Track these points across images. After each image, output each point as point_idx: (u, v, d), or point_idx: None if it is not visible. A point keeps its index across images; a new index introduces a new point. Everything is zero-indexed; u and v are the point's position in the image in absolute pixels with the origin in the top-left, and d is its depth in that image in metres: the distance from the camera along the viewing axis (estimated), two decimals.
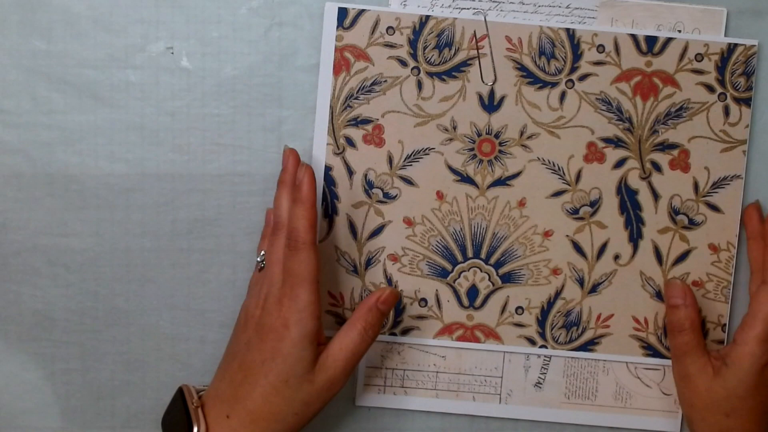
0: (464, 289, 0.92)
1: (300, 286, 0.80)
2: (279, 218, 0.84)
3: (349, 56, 0.90)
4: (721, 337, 0.93)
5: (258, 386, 0.79)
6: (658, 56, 0.90)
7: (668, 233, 0.92)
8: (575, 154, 0.91)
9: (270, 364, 0.79)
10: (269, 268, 0.84)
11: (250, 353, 0.80)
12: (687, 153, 0.91)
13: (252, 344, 0.80)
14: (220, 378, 0.82)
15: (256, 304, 0.83)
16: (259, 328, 0.81)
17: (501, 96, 0.90)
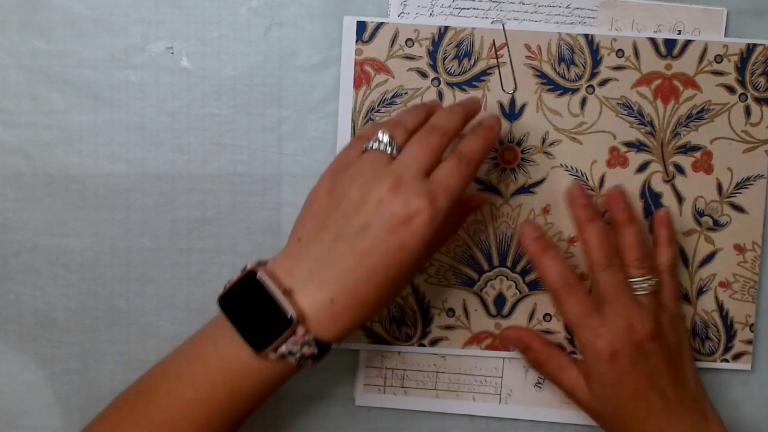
0: (491, 297, 0.92)
1: (453, 192, 0.75)
2: (445, 125, 0.79)
3: (369, 69, 0.89)
4: (749, 337, 0.94)
5: (376, 275, 0.73)
6: (677, 59, 0.90)
7: (693, 235, 0.92)
8: (598, 159, 0.91)
9: (395, 255, 0.73)
10: (413, 158, 0.76)
11: (370, 239, 0.73)
12: (709, 154, 0.91)
13: (373, 229, 0.73)
14: (316, 257, 0.75)
15: (380, 185, 0.74)
16: (386, 214, 0.73)
17: (522, 104, 0.90)
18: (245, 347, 0.73)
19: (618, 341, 0.84)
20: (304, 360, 0.74)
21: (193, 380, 0.75)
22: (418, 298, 0.92)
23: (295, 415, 0.94)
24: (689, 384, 0.87)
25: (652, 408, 0.84)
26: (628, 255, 0.86)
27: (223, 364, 0.75)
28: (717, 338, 0.93)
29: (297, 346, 0.73)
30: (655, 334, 0.84)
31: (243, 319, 0.74)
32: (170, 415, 0.75)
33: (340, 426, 0.95)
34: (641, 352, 0.84)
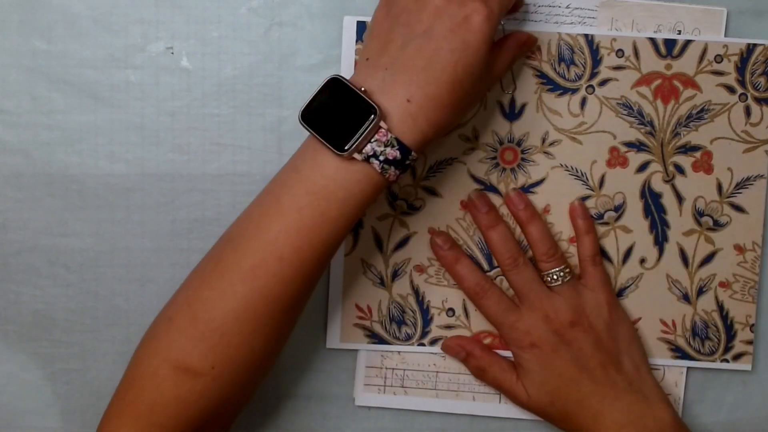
0: None
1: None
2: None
3: None
4: (749, 338, 0.93)
5: (446, 73, 0.75)
6: (677, 59, 0.90)
7: (693, 235, 0.92)
8: (598, 159, 0.91)
9: (461, 53, 0.75)
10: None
11: (435, 41, 0.75)
12: (709, 154, 0.91)
13: (435, 32, 0.75)
14: (386, 65, 0.77)
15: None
16: (446, 17, 0.76)
17: (522, 104, 0.90)
18: (329, 158, 0.75)
19: (535, 332, 0.88)
20: (387, 166, 0.74)
21: (279, 210, 0.76)
22: (418, 298, 0.92)
23: (295, 415, 0.94)
24: (625, 367, 0.89)
25: (583, 391, 0.87)
26: (536, 251, 0.90)
27: (308, 185, 0.75)
28: (717, 338, 0.93)
29: (381, 146, 0.74)
30: (574, 321, 0.87)
31: (325, 126, 0.76)
32: (259, 254, 0.75)
33: (340, 426, 0.95)
34: (562, 339, 0.87)
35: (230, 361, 0.75)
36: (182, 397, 0.75)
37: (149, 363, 0.77)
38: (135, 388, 0.77)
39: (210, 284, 0.76)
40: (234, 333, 0.75)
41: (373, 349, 0.93)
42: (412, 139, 0.75)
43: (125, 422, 0.76)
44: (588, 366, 0.87)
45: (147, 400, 0.76)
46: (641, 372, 0.90)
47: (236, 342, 0.75)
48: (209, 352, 0.75)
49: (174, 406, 0.75)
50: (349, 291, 0.92)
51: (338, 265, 0.92)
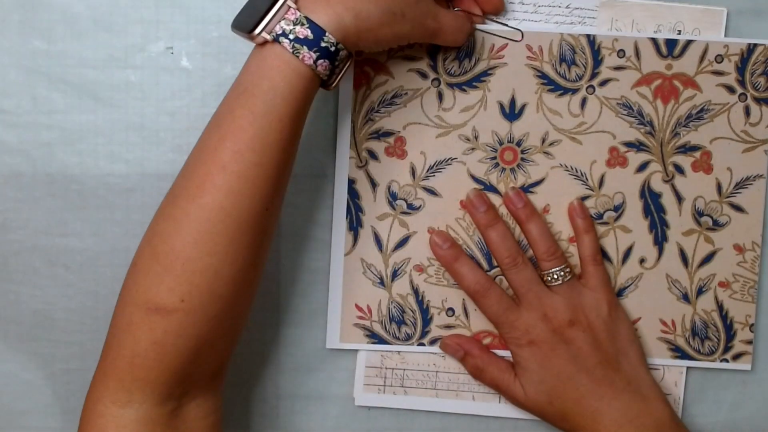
0: None
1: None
2: None
3: (369, 70, 0.89)
4: (749, 338, 0.94)
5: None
6: (678, 59, 0.90)
7: (693, 235, 0.92)
8: (598, 159, 0.91)
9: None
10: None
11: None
12: (709, 154, 0.91)
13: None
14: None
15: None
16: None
17: (522, 104, 0.90)
18: (251, 54, 0.76)
19: (534, 331, 0.88)
20: (299, 45, 0.73)
21: (217, 121, 0.76)
22: (418, 298, 0.92)
23: (295, 415, 0.94)
24: (623, 366, 0.89)
25: (581, 390, 0.87)
26: (535, 250, 0.90)
27: (236, 87, 0.75)
28: (717, 338, 0.93)
29: (290, 24, 0.73)
30: (573, 320, 0.88)
31: (243, 18, 0.76)
32: (203, 169, 0.74)
33: (340, 426, 0.95)
34: (560, 338, 0.88)
35: (198, 290, 0.74)
36: (159, 340, 0.74)
37: (122, 316, 0.75)
38: (113, 346, 0.76)
39: (164, 216, 0.75)
40: (195, 258, 0.73)
41: (373, 349, 0.93)
42: (325, 19, 0.74)
43: (108, 385, 0.75)
44: (586, 365, 0.87)
45: (126, 355, 0.74)
46: (639, 371, 0.90)
47: (200, 268, 0.73)
48: (175, 284, 0.73)
49: (152, 353, 0.74)
50: (348, 291, 0.92)
51: (338, 265, 0.92)
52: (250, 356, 0.93)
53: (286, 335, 0.93)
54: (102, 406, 0.75)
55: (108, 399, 0.75)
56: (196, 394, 0.78)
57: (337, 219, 0.91)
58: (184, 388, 0.77)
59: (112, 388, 0.75)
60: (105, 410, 0.75)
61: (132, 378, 0.74)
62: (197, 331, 0.75)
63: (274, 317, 0.92)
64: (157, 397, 0.75)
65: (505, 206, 0.91)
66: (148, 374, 0.74)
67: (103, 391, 0.76)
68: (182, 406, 0.77)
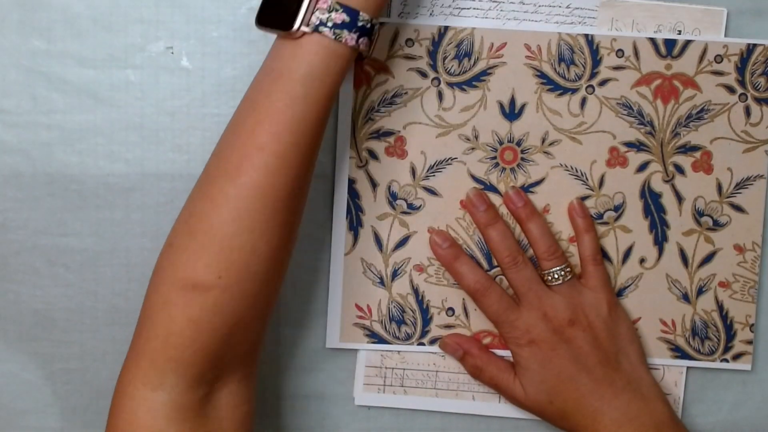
0: None
1: None
2: None
3: (369, 69, 0.89)
4: (749, 338, 0.94)
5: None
6: (677, 59, 0.90)
7: (693, 235, 0.92)
8: (598, 159, 0.91)
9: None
10: None
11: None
12: (709, 154, 0.91)
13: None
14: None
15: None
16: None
17: (522, 104, 0.90)
18: (286, 44, 0.76)
19: (534, 330, 0.88)
20: (339, 30, 0.75)
21: (252, 106, 0.77)
22: (418, 298, 0.92)
23: (295, 415, 0.94)
24: (623, 365, 0.89)
25: (581, 389, 0.87)
26: (536, 249, 0.90)
27: (272, 74, 0.76)
28: (717, 338, 0.93)
29: (324, 13, 0.74)
30: (573, 320, 0.88)
31: (276, 17, 0.76)
32: (241, 151, 0.75)
33: (340, 426, 0.95)
34: (561, 338, 0.88)
35: (235, 267, 0.74)
36: (195, 318, 0.74)
37: (157, 295, 0.76)
38: (147, 325, 0.76)
39: (201, 195, 0.76)
40: (233, 235, 0.74)
41: (373, 348, 0.93)
42: (355, 2, 0.75)
43: (141, 366, 0.75)
44: (587, 365, 0.87)
45: (161, 335, 0.74)
46: (639, 371, 0.90)
47: (237, 245, 0.74)
48: (213, 261, 0.74)
49: (188, 331, 0.74)
50: (348, 290, 0.92)
51: (338, 265, 0.92)
52: None
53: (286, 335, 0.93)
54: (133, 388, 0.75)
55: (140, 381, 0.75)
56: (229, 381, 0.78)
57: (337, 219, 0.91)
58: (217, 371, 0.77)
59: (144, 369, 0.75)
60: (136, 392, 0.74)
61: (165, 358, 0.74)
62: (232, 310, 0.75)
63: (274, 317, 0.92)
64: (189, 380, 0.75)
65: (505, 205, 0.91)
66: (182, 354, 0.74)
67: (135, 372, 0.75)
68: (214, 392, 0.77)
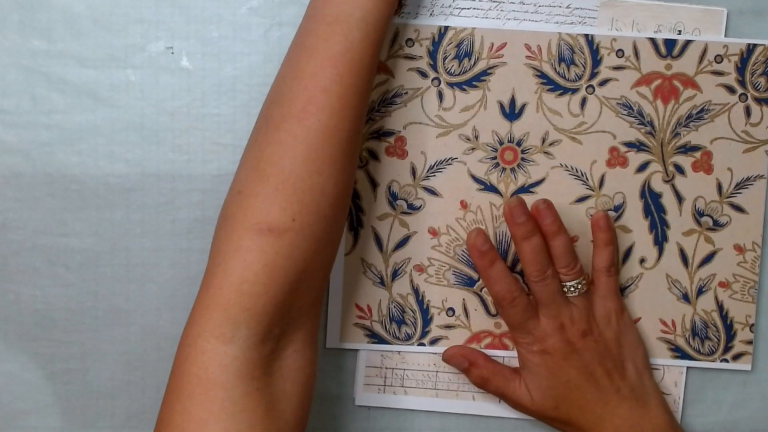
0: (491, 297, 0.92)
1: None
2: None
3: None
4: (749, 338, 0.94)
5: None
6: (677, 59, 0.90)
7: (693, 235, 0.92)
8: (598, 159, 0.91)
9: None
10: None
11: None
12: (709, 154, 0.91)
13: None
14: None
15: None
16: None
17: (522, 104, 0.90)
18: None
19: (549, 340, 0.88)
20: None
21: (307, 52, 0.79)
22: (418, 298, 0.92)
23: None
24: (628, 373, 0.90)
25: (588, 397, 0.88)
26: (558, 263, 0.89)
27: (325, 18, 0.79)
28: (717, 338, 0.93)
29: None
30: (586, 332, 0.88)
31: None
32: (305, 94, 0.77)
33: (340, 426, 0.95)
34: (572, 348, 0.88)
35: (307, 209, 0.75)
36: (270, 263, 0.74)
37: (230, 240, 0.75)
38: (218, 275, 0.75)
39: (268, 140, 0.77)
40: (304, 177, 0.75)
41: (373, 348, 0.93)
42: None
43: (212, 318, 0.73)
44: (595, 374, 0.88)
45: (234, 282, 0.73)
46: (643, 378, 0.90)
47: (308, 186, 0.75)
48: (287, 204, 0.75)
49: (263, 277, 0.73)
50: (349, 291, 0.92)
51: (338, 265, 0.92)
52: None
53: None
54: (204, 342, 0.73)
55: (210, 333, 0.73)
56: (294, 338, 0.78)
57: None
58: (284, 325, 0.76)
59: (216, 321, 0.73)
60: (207, 346, 0.73)
61: (240, 308, 0.73)
62: (304, 253, 0.76)
63: None
64: (261, 332, 0.74)
65: (535, 217, 0.89)
66: (256, 303, 0.73)
67: (205, 325, 0.73)
68: (281, 350, 0.77)
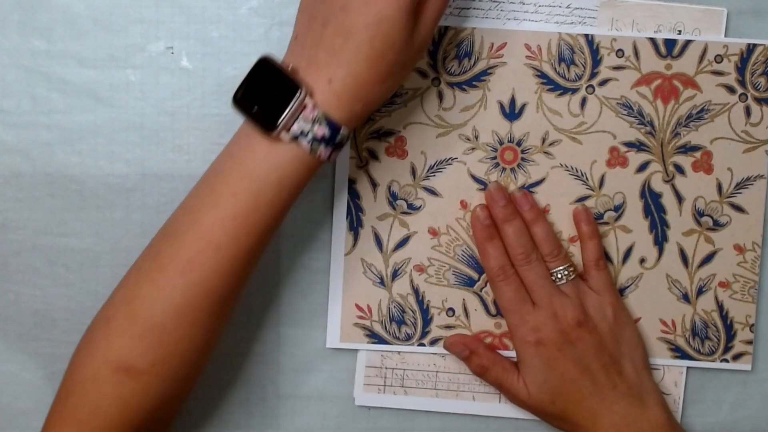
0: (491, 297, 0.92)
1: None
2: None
3: None
4: (749, 338, 0.94)
5: (362, 52, 0.74)
6: (677, 59, 0.90)
7: (693, 235, 0.92)
8: (598, 159, 0.91)
9: (375, 28, 0.73)
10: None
11: (350, 17, 0.74)
12: (709, 154, 0.91)
13: (351, 8, 0.74)
14: (309, 46, 0.76)
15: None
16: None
17: (522, 104, 0.90)
18: (260, 141, 0.75)
19: (543, 329, 0.88)
20: (317, 144, 0.74)
21: (214, 198, 0.76)
22: (418, 298, 0.92)
23: (295, 415, 0.94)
24: (626, 370, 0.90)
25: (583, 392, 0.88)
26: (542, 250, 0.89)
27: (241, 169, 0.75)
28: (717, 338, 0.93)
29: (308, 123, 0.74)
30: (580, 322, 0.88)
31: (256, 108, 0.75)
32: (196, 245, 0.75)
33: (340, 426, 0.95)
34: (567, 339, 0.88)
35: (171, 357, 0.75)
36: (125, 398, 0.75)
37: (89, 367, 0.76)
38: (76, 393, 0.76)
39: (148, 280, 0.76)
40: (174, 328, 0.75)
41: (373, 349, 0.93)
42: (339, 116, 0.74)
43: (68, 430, 0.76)
44: (590, 368, 0.88)
45: (89, 405, 0.75)
46: (642, 375, 0.90)
47: (177, 337, 0.75)
48: (150, 349, 0.75)
49: (116, 407, 0.75)
50: (348, 291, 0.92)
51: (338, 265, 0.92)
52: (250, 356, 0.93)
53: (286, 335, 0.93)
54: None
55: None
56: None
57: (337, 219, 0.91)
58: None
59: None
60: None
61: (92, 427, 0.75)
62: (163, 392, 0.76)
63: (274, 317, 0.92)
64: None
65: (515, 205, 0.90)
66: (109, 425, 0.75)
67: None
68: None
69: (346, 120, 0.75)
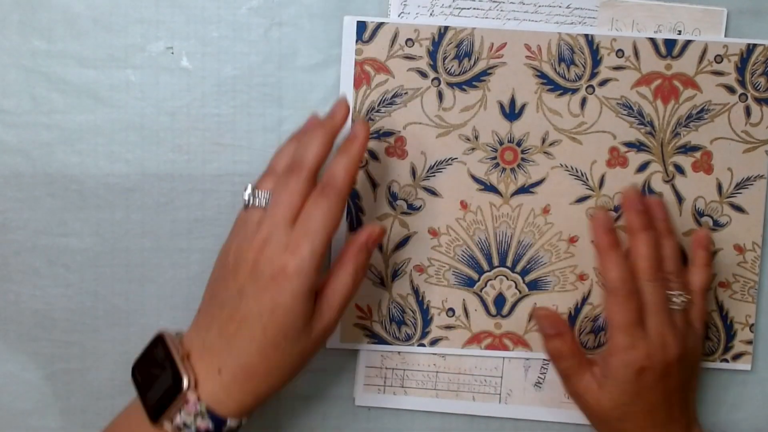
0: (491, 297, 0.92)
1: (316, 234, 0.73)
2: (302, 159, 0.77)
3: (369, 69, 0.89)
4: (749, 338, 0.94)
5: (255, 341, 0.73)
6: (677, 59, 0.90)
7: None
8: (598, 159, 0.91)
9: (269, 317, 0.73)
10: (275, 208, 0.76)
11: (245, 303, 0.73)
12: (709, 154, 0.91)
13: (246, 293, 0.73)
14: (206, 327, 0.76)
15: (250, 246, 0.75)
16: (256, 275, 0.73)
17: (522, 104, 0.90)
18: (146, 425, 0.74)
19: (651, 357, 0.83)
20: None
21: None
22: (418, 298, 0.92)
23: (295, 415, 0.94)
24: (689, 403, 0.88)
25: (656, 422, 0.85)
26: (665, 266, 0.86)
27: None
28: (717, 338, 0.93)
29: (190, 416, 0.72)
30: (682, 356, 0.84)
31: (148, 387, 0.75)
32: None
33: (340, 426, 0.95)
34: (667, 371, 0.84)
35: None
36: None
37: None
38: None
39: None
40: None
41: (373, 349, 0.93)
42: (226, 410, 0.73)
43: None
44: (671, 400, 0.85)
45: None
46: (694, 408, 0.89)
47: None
48: None
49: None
50: None
51: None
52: None
53: None
54: None
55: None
56: None
57: None
58: None
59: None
60: None
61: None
62: None
63: None
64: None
65: (649, 213, 0.88)
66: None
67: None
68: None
69: (234, 412, 0.74)
